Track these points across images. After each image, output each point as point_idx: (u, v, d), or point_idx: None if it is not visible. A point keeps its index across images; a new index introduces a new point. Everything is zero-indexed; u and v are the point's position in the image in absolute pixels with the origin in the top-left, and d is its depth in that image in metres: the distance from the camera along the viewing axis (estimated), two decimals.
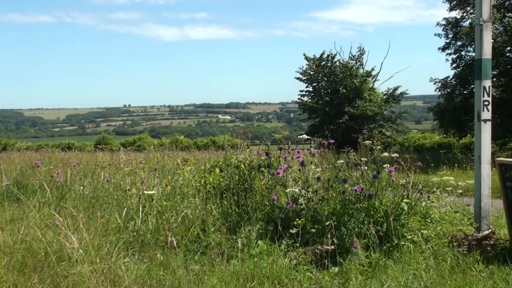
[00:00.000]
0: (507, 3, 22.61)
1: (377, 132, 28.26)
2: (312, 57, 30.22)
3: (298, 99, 31.38)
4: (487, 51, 5.26)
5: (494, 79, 20.82)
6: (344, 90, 28.08)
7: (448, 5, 24.08)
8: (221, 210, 5.83)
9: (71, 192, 6.62)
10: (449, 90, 24.91)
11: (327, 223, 4.84)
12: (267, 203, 5.53)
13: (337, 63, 30.06)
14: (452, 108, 23.93)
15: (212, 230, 5.18)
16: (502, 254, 4.74)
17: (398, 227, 4.92)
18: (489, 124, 5.24)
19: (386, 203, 5.11)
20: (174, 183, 6.65)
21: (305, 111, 30.96)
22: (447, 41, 24.89)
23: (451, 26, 24.45)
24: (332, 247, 4.38)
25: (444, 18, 24.71)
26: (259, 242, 4.83)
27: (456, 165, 12.91)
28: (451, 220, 5.57)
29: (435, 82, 25.49)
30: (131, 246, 4.77)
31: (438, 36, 25.24)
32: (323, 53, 30.11)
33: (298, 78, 30.54)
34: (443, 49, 25.11)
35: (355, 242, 4.28)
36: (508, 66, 21.87)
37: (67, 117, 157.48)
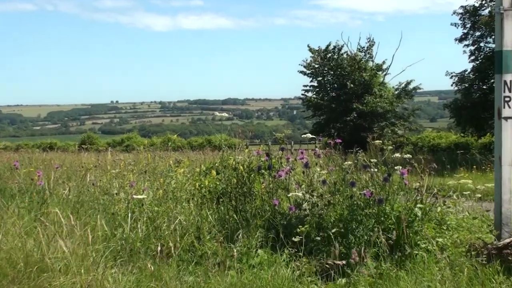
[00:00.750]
0: None
1: (388, 131, 28.31)
2: (317, 48, 30.27)
3: (302, 94, 31.45)
4: (508, 42, 5.25)
5: None
6: (352, 85, 28.11)
7: None
8: (218, 216, 5.82)
9: (54, 197, 6.61)
10: (466, 85, 24.94)
11: (333, 231, 4.84)
12: (268, 208, 5.53)
13: (345, 56, 30.11)
14: (470, 104, 23.95)
15: (207, 238, 5.18)
16: None
17: (411, 234, 4.92)
18: (510, 122, 5.23)
19: (398, 208, 5.11)
20: (166, 186, 6.65)
21: (309, 107, 30.98)
22: (465, 31, 24.93)
23: (469, 15, 24.48)
24: (344, 262, 4.37)
25: (461, 6, 24.76)
26: (259, 251, 4.84)
27: (474, 167, 12.91)
28: (469, 227, 5.57)
29: (452, 76, 25.53)
30: (119, 255, 4.77)
31: (455, 25, 25.30)
32: (329, 45, 30.18)
33: (301, 72, 30.59)
34: (460, 40, 25.15)
35: (353, 253, 4.28)
36: None
37: (49, 115, 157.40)
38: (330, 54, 30.13)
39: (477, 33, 24.60)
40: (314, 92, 30.82)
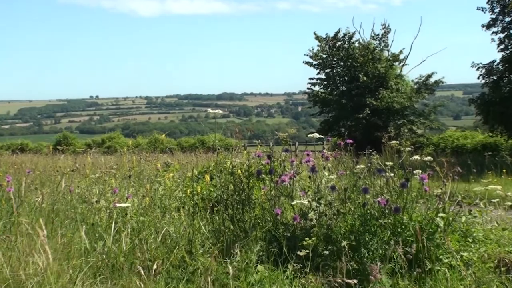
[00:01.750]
0: None
1: (406, 130, 28.33)
2: (324, 36, 30.33)
3: (308, 88, 31.51)
4: None
5: None
6: (364, 78, 28.14)
7: None
8: (212, 227, 5.83)
9: (25, 205, 6.61)
10: (495, 78, 24.94)
11: (343, 244, 4.84)
12: (269, 218, 5.53)
13: (356, 44, 30.16)
14: (499, 99, 23.94)
15: (200, 252, 5.18)
16: None
17: (432, 248, 4.92)
18: None
19: (417, 218, 5.12)
20: (153, 193, 6.65)
21: (316, 103, 31.03)
22: (493, 16, 24.94)
23: None
24: (355, 280, 4.37)
25: None
26: (259, 267, 4.84)
27: (504, 170, 12.91)
28: (498, 240, 5.58)
29: (478, 67, 25.54)
30: (100, 271, 4.77)
31: (482, 10, 25.31)
32: (338, 32, 30.21)
33: (307, 63, 30.64)
34: (488, 26, 25.16)
35: (373, 269, 4.27)
36: None
37: (20, 112, 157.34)
38: (339, 43, 30.16)
39: (507, 19, 24.61)
40: (322, 86, 30.86)
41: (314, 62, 30.42)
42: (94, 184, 7.56)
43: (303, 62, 30.58)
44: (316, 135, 6.27)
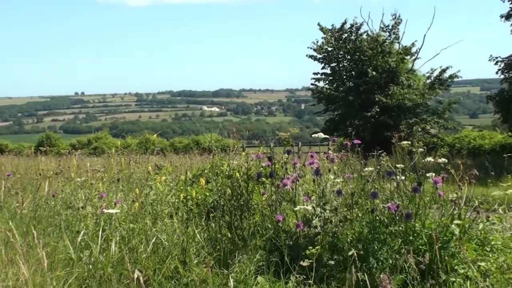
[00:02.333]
0: None
1: (418, 130, 28.35)
2: (330, 28, 30.30)
3: (312, 84, 31.52)
4: None
5: None
6: (373, 73, 28.15)
7: None
8: (208, 235, 5.83)
9: (4, 211, 6.61)
10: None
11: (350, 253, 4.84)
12: (270, 225, 5.53)
13: (364, 36, 30.19)
14: None
15: (195, 262, 5.18)
16: None
17: (446, 257, 4.93)
18: None
19: (430, 225, 5.12)
20: (143, 198, 6.65)
21: (320, 100, 31.05)
22: None
23: None
24: None
25: None
26: (259, 278, 4.84)
27: None
28: None
29: (497, 61, 25.57)
30: (86, 283, 4.78)
31: None
32: (345, 23, 30.23)
33: (311, 56, 30.65)
34: (507, 17, 25.19)
35: (383, 280, 4.27)
36: None
37: None
38: (346, 35, 30.18)
39: None
40: (327, 82, 30.87)
41: (319, 56, 30.42)
42: (79, 189, 7.55)
43: (307, 55, 30.60)
44: (321, 135, 6.27)
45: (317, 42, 30.30)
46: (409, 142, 6.18)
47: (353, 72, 30.32)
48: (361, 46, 29.45)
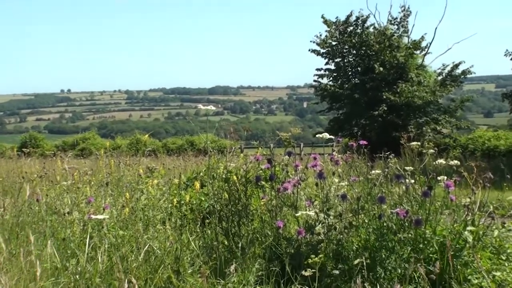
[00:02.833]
0: None
1: (428, 130, 28.34)
2: (334, 20, 30.30)
3: (314, 81, 31.53)
4: None
5: None
6: (381, 68, 28.15)
7: None
8: (203, 242, 5.83)
9: None
10: None
11: (356, 262, 4.85)
12: (270, 232, 5.53)
13: (371, 29, 30.20)
14: None
15: (189, 271, 5.18)
16: None
17: (459, 267, 4.93)
18: None
19: (441, 232, 5.12)
20: (134, 203, 6.65)
21: (324, 98, 31.05)
22: None
23: None
24: None
25: None
26: None
27: None
28: None
29: None
30: None
31: None
32: (350, 15, 30.23)
33: (314, 51, 30.65)
34: None
35: None
36: None
37: None
38: (351, 28, 30.18)
39: None
40: (331, 78, 30.86)
41: (322, 50, 30.41)
42: (65, 193, 7.55)
43: (309, 50, 30.60)
44: (325, 135, 6.26)
45: (321, 35, 30.32)
46: (419, 143, 6.18)
47: (359, 68, 30.32)
48: (368, 40, 29.45)
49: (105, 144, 23.58)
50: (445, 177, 5.49)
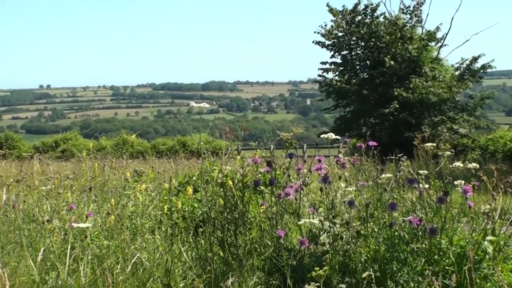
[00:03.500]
0: None
1: (444, 129, 28.33)
2: (340, 9, 30.31)
3: (319, 76, 31.50)
4: None
5: None
6: (392, 62, 28.16)
7: None
8: (196, 253, 5.83)
9: None
10: None
11: (364, 275, 4.85)
12: (269, 242, 5.53)
13: (381, 19, 30.18)
14: None
15: (181, 285, 5.18)
16: None
17: (478, 280, 4.93)
18: None
19: (458, 242, 5.12)
20: (120, 210, 6.65)
21: (329, 95, 31.06)
22: None
23: None
24: None
25: None
26: None
27: None
28: None
29: None
30: None
31: None
32: (358, 3, 30.25)
33: (318, 43, 30.67)
34: None
35: None
36: None
37: None
38: (360, 17, 30.19)
39: None
40: (337, 72, 30.87)
41: (327, 42, 30.42)
42: (44, 199, 7.55)
43: (313, 42, 30.59)
44: (331, 135, 6.27)
45: (326, 26, 30.30)
46: (434, 144, 6.19)
47: (367, 62, 30.32)
48: (377, 30, 29.45)
49: (88, 145, 23.58)
50: (463, 182, 5.49)
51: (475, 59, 29.37)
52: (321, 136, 6.46)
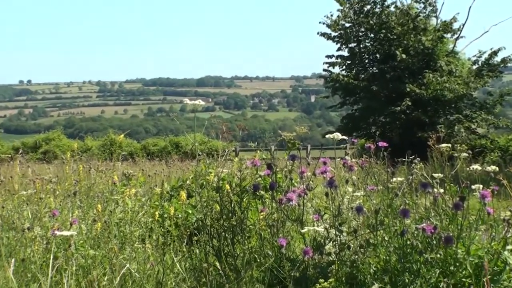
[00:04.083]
0: None
1: (461, 129, 28.29)
2: None
3: (324, 70, 31.50)
4: None
5: None
6: (404, 55, 28.14)
7: None
8: (190, 264, 5.83)
9: None
10: None
11: (374, 287, 4.86)
12: (270, 252, 5.54)
13: (392, 9, 30.21)
14: None
15: None
16: None
17: None
18: None
19: (476, 252, 5.13)
20: (107, 217, 6.65)
21: (336, 91, 31.07)
22: None
23: None
24: None
25: None
26: None
27: None
28: None
29: None
30: None
31: None
32: None
33: (323, 34, 30.67)
34: None
35: None
36: None
37: None
38: (369, 6, 30.17)
39: None
40: (344, 67, 30.84)
41: (333, 34, 30.40)
42: (25, 204, 7.55)
43: (318, 33, 30.57)
44: (337, 135, 6.28)
45: (332, 16, 30.29)
46: (450, 145, 6.19)
47: (377, 55, 30.32)
48: (388, 21, 29.42)
49: (73, 146, 23.59)
50: (481, 186, 5.49)
51: (494, 53, 29.35)
52: (327, 136, 6.48)
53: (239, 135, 7.30)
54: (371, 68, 30.41)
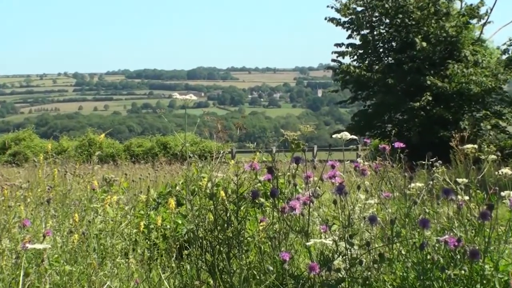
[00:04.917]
0: None
1: (488, 127, 28.26)
2: None
3: (333, 60, 31.50)
4: None
5: None
6: (424, 44, 28.11)
7: None
8: (180, 281, 5.84)
9: None
10: None
11: None
12: (271, 267, 5.55)
13: None
14: None
15: None
16: None
17: None
18: None
19: (505, 267, 5.13)
20: (86, 228, 6.66)
21: (346, 84, 31.02)
22: None
23: None
24: None
25: None
26: None
27: None
28: None
29: None
30: None
31: None
32: None
33: (332, 20, 30.62)
34: None
35: None
36: None
37: None
38: None
39: None
40: (355, 57, 30.81)
41: (343, 19, 30.40)
42: None
43: (326, 19, 30.51)
44: (345, 134, 6.29)
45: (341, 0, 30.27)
46: (476, 146, 6.20)
47: (393, 43, 30.33)
48: (406, 4, 29.39)
49: (46, 147, 23.68)
50: (511, 192, 5.50)
51: None
52: (334, 135, 6.48)
53: (236, 134, 7.30)
54: (386, 58, 30.41)
